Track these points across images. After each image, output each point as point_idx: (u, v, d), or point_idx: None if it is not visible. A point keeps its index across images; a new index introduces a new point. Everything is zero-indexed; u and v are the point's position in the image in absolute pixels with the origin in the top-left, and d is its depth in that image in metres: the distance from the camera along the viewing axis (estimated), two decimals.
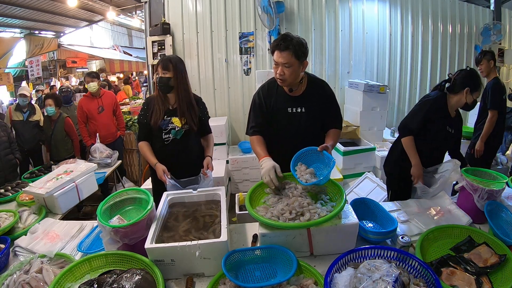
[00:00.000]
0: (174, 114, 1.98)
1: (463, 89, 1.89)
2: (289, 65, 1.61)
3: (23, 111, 3.68)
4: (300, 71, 1.68)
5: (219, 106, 4.32)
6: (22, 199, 2.24)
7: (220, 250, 1.24)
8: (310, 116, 1.77)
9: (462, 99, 1.91)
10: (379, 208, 1.65)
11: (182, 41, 4.13)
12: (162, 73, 1.90)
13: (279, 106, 1.77)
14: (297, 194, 1.50)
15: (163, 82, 1.90)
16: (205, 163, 2.06)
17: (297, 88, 1.75)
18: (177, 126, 1.97)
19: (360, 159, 3.46)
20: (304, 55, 1.64)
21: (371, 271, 1.04)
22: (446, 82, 2.01)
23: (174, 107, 1.99)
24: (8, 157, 3.10)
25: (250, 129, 1.82)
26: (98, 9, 9.14)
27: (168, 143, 1.98)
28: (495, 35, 4.49)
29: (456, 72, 1.99)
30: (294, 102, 1.77)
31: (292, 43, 1.58)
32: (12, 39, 8.57)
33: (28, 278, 1.28)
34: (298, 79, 1.71)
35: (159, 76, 1.90)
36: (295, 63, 1.61)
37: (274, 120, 1.79)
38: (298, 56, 1.61)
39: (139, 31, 14.71)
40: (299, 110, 1.76)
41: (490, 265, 1.22)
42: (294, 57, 1.60)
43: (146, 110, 2.00)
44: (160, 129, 1.96)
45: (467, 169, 1.76)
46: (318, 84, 1.82)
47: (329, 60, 4.31)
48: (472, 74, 1.93)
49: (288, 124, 1.77)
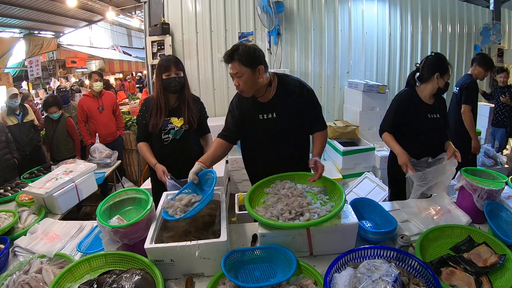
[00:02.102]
0: (173, 114, 1.98)
1: (433, 75, 1.93)
2: (240, 74, 1.57)
3: (16, 113, 3.54)
4: (257, 78, 1.59)
5: (219, 106, 4.31)
6: (22, 199, 2.24)
7: (220, 250, 1.24)
8: (283, 121, 1.70)
9: (434, 84, 1.94)
10: (378, 208, 1.65)
11: (182, 41, 4.13)
12: (176, 73, 1.91)
13: (251, 113, 1.72)
14: (296, 194, 1.50)
15: (178, 82, 1.92)
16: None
17: (265, 94, 1.68)
18: (176, 126, 1.97)
19: (359, 159, 3.46)
20: (256, 61, 1.57)
21: (371, 271, 1.05)
22: (414, 74, 2.04)
23: (174, 107, 1.99)
24: (6, 157, 3.10)
25: (220, 133, 1.78)
26: (97, 9, 9.15)
27: (167, 143, 1.98)
28: (494, 35, 4.50)
29: (422, 60, 2.02)
30: (265, 108, 1.70)
31: (238, 52, 1.55)
32: (12, 39, 8.57)
33: (27, 278, 1.28)
34: (257, 86, 1.62)
35: (174, 77, 1.90)
36: (246, 71, 1.56)
37: (248, 127, 1.75)
38: (247, 64, 1.55)
39: (138, 31, 14.72)
40: (270, 116, 1.70)
41: (489, 265, 1.22)
42: (243, 65, 1.55)
43: (145, 111, 1.99)
44: (159, 129, 1.95)
45: (466, 169, 1.76)
46: (291, 85, 1.71)
47: (329, 60, 4.31)
48: (439, 58, 1.97)
49: (262, 131, 1.73)
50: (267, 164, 1.76)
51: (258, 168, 1.81)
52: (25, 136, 3.58)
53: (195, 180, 1.52)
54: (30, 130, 3.64)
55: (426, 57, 2.01)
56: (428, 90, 1.98)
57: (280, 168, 1.69)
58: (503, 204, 1.65)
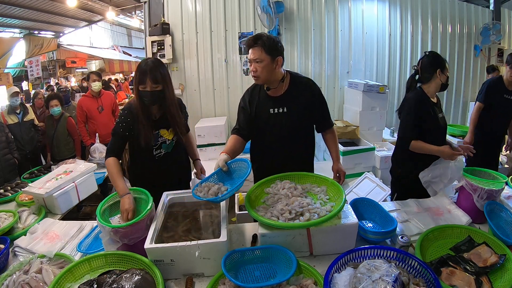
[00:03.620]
0: (161, 125, 1.79)
1: (435, 72, 1.93)
2: (260, 60, 1.62)
3: (16, 112, 3.55)
4: (274, 68, 1.66)
5: (219, 106, 4.31)
6: (22, 199, 2.24)
7: (220, 250, 1.24)
8: (293, 116, 1.75)
9: (438, 81, 1.94)
10: (378, 208, 1.64)
11: (182, 41, 4.13)
12: (152, 87, 1.63)
13: (262, 107, 1.77)
14: (296, 194, 1.50)
15: (157, 96, 1.66)
16: (198, 168, 1.99)
17: (277, 88, 1.74)
18: (167, 140, 1.81)
19: (359, 159, 3.46)
20: (277, 51, 1.64)
21: (371, 271, 1.05)
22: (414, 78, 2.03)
23: (158, 117, 1.78)
24: (7, 157, 3.09)
25: (233, 129, 1.82)
26: (97, 9, 9.15)
27: (159, 158, 1.82)
28: (494, 35, 4.49)
29: (418, 62, 2.02)
30: (276, 102, 1.75)
31: (262, 39, 1.61)
32: (12, 39, 8.58)
33: (27, 278, 1.28)
34: (274, 76, 1.69)
35: (148, 91, 1.63)
36: (266, 58, 1.62)
37: (259, 122, 1.78)
38: (269, 52, 1.61)
39: (138, 31, 14.73)
40: (281, 111, 1.75)
41: (489, 265, 1.22)
42: (265, 52, 1.61)
43: (128, 122, 1.71)
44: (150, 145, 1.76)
45: (466, 169, 1.76)
46: (303, 83, 1.78)
47: (329, 60, 4.30)
48: (434, 55, 1.97)
49: (272, 125, 1.76)
50: (274, 161, 1.78)
51: (266, 165, 1.81)
52: (25, 135, 3.59)
53: (225, 168, 1.51)
54: (30, 129, 3.65)
55: (421, 58, 2.01)
56: (432, 89, 1.97)
57: (287, 166, 1.70)
58: (503, 204, 1.66)
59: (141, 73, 1.63)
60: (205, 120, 4.07)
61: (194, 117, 4.24)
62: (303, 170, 1.72)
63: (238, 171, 1.52)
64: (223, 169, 1.50)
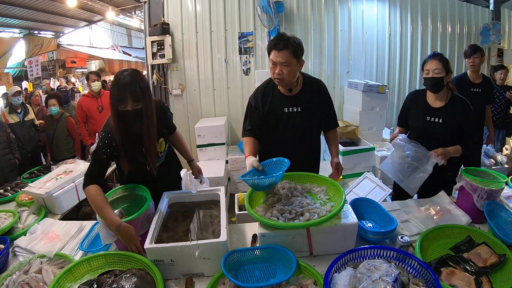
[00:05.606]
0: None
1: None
2: (288, 64, 1.62)
3: (17, 111, 3.59)
4: (297, 70, 1.70)
5: (219, 106, 4.31)
6: (22, 199, 2.24)
7: (220, 250, 1.24)
8: (306, 115, 1.78)
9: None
10: (378, 208, 1.64)
11: (182, 41, 4.13)
12: (133, 106, 1.37)
13: (275, 106, 1.78)
14: (296, 194, 1.50)
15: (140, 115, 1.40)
16: (194, 170, 1.91)
17: (294, 88, 1.76)
18: (160, 152, 1.63)
19: (359, 159, 3.46)
20: (302, 54, 1.67)
21: (371, 271, 1.05)
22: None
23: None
24: (7, 157, 3.09)
25: (246, 131, 1.83)
26: (97, 9, 9.15)
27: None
28: (494, 35, 4.49)
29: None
30: (290, 101, 1.77)
31: (290, 42, 1.60)
32: (12, 39, 8.58)
33: (27, 279, 1.28)
34: (295, 78, 1.72)
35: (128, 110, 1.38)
36: (293, 62, 1.63)
37: (271, 121, 1.79)
38: (296, 55, 1.63)
39: (138, 31, 14.71)
40: (295, 110, 1.77)
41: (489, 265, 1.22)
42: (293, 56, 1.61)
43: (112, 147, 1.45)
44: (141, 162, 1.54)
45: (466, 169, 1.76)
46: (314, 83, 1.83)
47: (329, 60, 4.31)
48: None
49: (285, 124, 1.78)
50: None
51: None
52: (26, 134, 3.61)
53: (259, 167, 1.55)
54: (31, 129, 3.67)
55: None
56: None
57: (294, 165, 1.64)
58: (503, 204, 1.66)
59: (117, 93, 1.38)
60: (205, 120, 4.07)
61: (194, 117, 4.24)
62: (310, 169, 1.74)
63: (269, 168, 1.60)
64: (259, 168, 1.55)
